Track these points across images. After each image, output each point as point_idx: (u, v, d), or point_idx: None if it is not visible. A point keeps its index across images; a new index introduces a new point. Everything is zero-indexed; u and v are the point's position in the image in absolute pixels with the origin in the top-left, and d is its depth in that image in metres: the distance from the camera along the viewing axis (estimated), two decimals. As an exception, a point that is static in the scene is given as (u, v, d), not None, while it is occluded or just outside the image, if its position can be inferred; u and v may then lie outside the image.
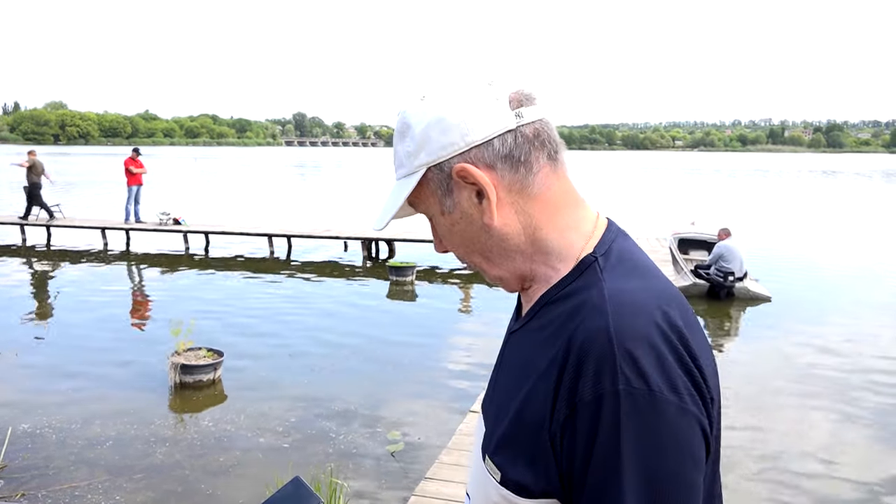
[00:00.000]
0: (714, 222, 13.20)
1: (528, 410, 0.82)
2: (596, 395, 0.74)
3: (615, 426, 0.73)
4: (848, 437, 5.68)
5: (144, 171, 15.55)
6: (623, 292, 0.81)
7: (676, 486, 0.75)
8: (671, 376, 0.75)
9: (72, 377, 6.78)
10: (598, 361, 0.75)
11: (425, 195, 0.90)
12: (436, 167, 0.87)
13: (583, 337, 0.77)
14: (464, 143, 0.85)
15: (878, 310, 10.15)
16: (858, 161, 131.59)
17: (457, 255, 0.95)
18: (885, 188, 45.01)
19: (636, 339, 0.76)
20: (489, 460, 0.86)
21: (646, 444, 0.74)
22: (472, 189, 0.86)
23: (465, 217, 0.88)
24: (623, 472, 0.73)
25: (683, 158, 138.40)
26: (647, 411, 0.74)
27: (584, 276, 0.85)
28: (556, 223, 0.88)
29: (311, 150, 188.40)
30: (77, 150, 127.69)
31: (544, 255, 0.88)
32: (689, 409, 0.76)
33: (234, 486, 4.67)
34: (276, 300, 10.33)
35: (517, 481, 0.82)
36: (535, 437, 0.80)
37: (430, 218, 0.93)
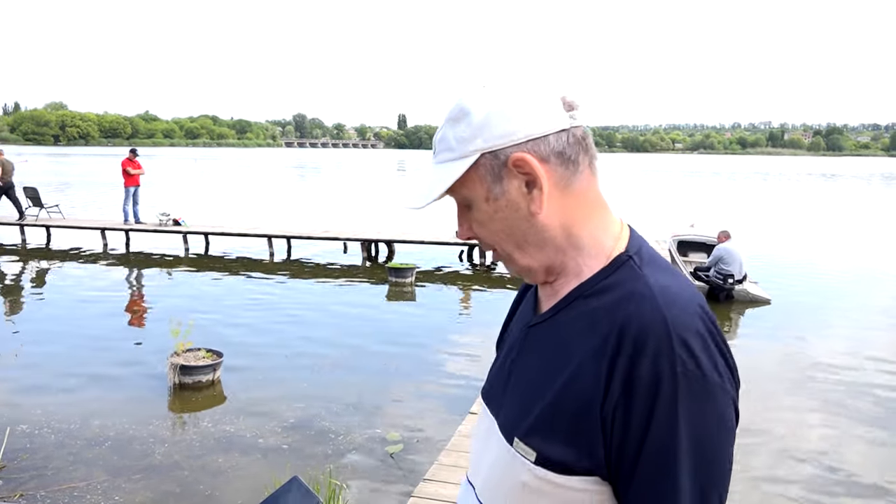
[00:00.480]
0: (713, 225, 13.21)
1: (573, 392, 0.88)
2: (655, 377, 0.82)
3: (672, 404, 0.81)
4: (847, 439, 5.68)
5: (142, 172, 15.54)
6: (670, 287, 0.89)
7: (720, 458, 0.85)
8: (715, 361, 0.85)
9: (71, 378, 6.77)
10: (656, 346, 0.83)
11: (472, 180, 0.93)
12: (490, 154, 0.91)
13: (638, 324, 0.85)
14: (523, 135, 0.90)
15: (877, 313, 10.15)
16: (858, 164, 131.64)
17: (485, 243, 0.98)
18: (883, 192, 45.02)
19: (688, 327, 0.84)
20: (520, 443, 0.91)
21: (697, 421, 0.83)
22: (523, 179, 0.91)
23: (511, 205, 0.93)
24: (679, 445, 0.82)
25: (683, 161, 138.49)
26: (699, 391, 0.83)
27: (620, 272, 0.92)
28: (590, 222, 0.95)
29: (311, 152, 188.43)
30: (77, 151, 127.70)
31: (576, 250, 0.95)
32: (728, 390, 0.86)
33: (233, 487, 4.67)
34: (276, 301, 10.32)
35: (557, 460, 0.88)
36: (581, 416, 0.86)
37: (465, 203, 0.97)
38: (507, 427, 0.96)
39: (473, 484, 1.04)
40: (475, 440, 1.09)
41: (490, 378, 1.11)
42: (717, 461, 0.85)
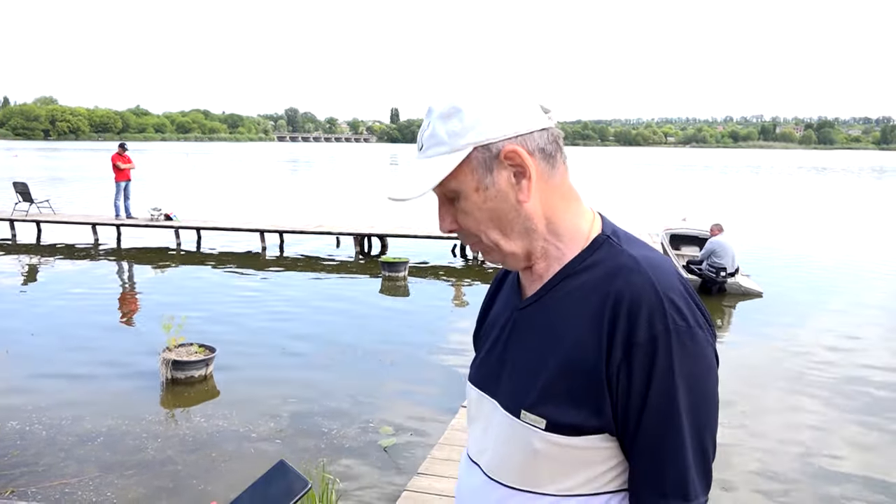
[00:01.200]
0: (705, 218, 13.25)
1: (577, 360, 0.98)
2: (651, 335, 0.94)
3: (669, 357, 0.93)
4: (838, 430, 5.71)
5: (132, 166, 15.45)
6: (650, 258, 1.01)
7: (710, 399, 0.99)
8: (697, 315, 0.97)
9: (62, 373, 6.74)
10: (649, 309, 0.94)
11: (463, 172, 1.00)
12: (482, 147, 0.99)
13: (630, 291, 0.96)
14: (512, 131, 0.99)
15: (867, 305, 10.21)
16: (849, 158, 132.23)
17: (469, 233, 1.05)
18: (874, 185, 45.25)
19: (673, 289, 0.97)
20: (528, 414, 1.01)
21: (690, 369, 0.95)
22: (512, 170, 1.00)
23: (501, 195, 1.01)
24: (677, 392, 0.94)
25: (675, 154, 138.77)
26: (689, 342, 0.95)
27: (601, 251, 1.04)
28: (568, 212, 1.06)
29: (304, 146, 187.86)
30: (67, 146, 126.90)
31: (556, 236, 1.05)
32: (709, 339, 0.99)
33: (226, 482, 4.66)
34: (268, 296, 10.30)
35: (567, 423, 0.97)
36: (587, 380, 0.97)
37: (450, 196, 1.03)
38: (512, 402, 1.04)
39: (479, 462, 1.11)
40: (474, 424, 1.16)
41: (478, 365, 1.18)
42: (708, 401, 0.98)
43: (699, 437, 0.96)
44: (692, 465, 0.95)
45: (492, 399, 1.10)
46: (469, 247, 1.08)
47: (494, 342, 1.14)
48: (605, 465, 0.99)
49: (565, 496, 1.00)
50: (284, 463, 0.96)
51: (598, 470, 0.99)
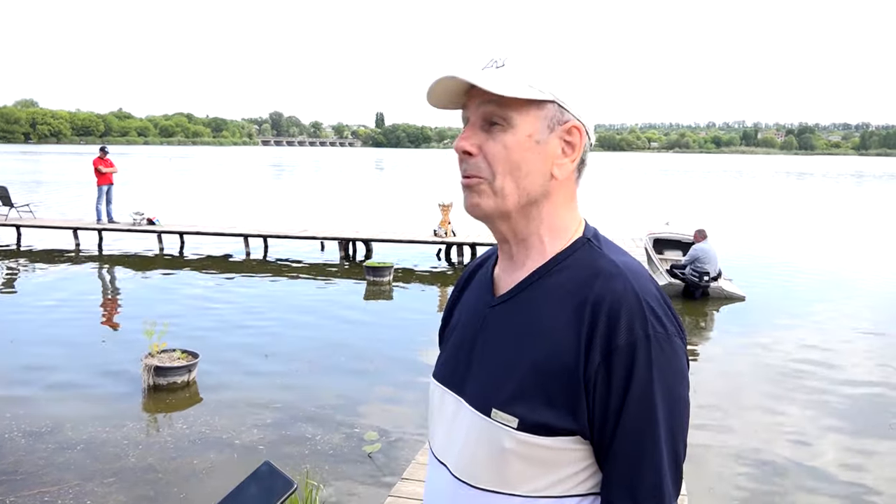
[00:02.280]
0: (689, 223, 13.35)
1: (553, 361, 0.97)
2: (631, 341, 0.94)
3: (648, 362, 0.94)
4: (817, 433, 5.76)
5: (115, 169, 15.32)
6: (629, 264, 1.02)
7: (684, 405, 0.99)
8: (674, 323, 0.99)
9: (42, 380, 6.65)
10: (629, 314, 0.95)
11: (531, 112, 1.00)
12: (560, 107, 1.02)
13: (611, 296, 0.96)
14: (584, 119, 1.04)
15: (848, 309, 10.32)
16: (829, 163, 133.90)
17: (484, 164, 1.02)
18: (853, 191, 45.84)
19: (652, 296, 0.98)
20: (499, 412, 0.99)
21: (667, 375, 0.95)
22: (563, 144, 1.03)
23: (544, 156, 1.02)
24: (656, 398, 0.94)
25: (659, 160, 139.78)
26: (667, 348, 0.95)
27: (581, 252, 1.04)
28: (568, 211, 1.08)
29: (288, 150, 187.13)
30: (48, 149, 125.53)
31: (549, 228, 1.06)
32: (683, 345, 0.99)
33: (209, 490, 4.61)
34: (252, 301, 10.24)
35: (540, 423, 0.96)
36: (563, 382, 0.96)
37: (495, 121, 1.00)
38: (482, 400, 1.03)
39: (446, 462, 1.09)
40: (438, 424, 1.14)
41: (444, 361, 1.17)
42: (682, 408, 0.98)
43: (673, 443, 0.96)
44: (667, 470, 0.95)
45: (457, 396, 1.08)
46: (464, 180, 1.04)
47: (463, 339, 1.12)
48: (575, 467, 0.99)
49: (534, 497, 0.99)
50: (269, 464, 0.95)
51: (569, 471, 0.99)
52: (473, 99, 1.02)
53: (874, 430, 5.83)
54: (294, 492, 0.92)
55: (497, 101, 0.99)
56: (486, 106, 1.00)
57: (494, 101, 0.99)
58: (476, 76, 0.98)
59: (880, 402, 6.50)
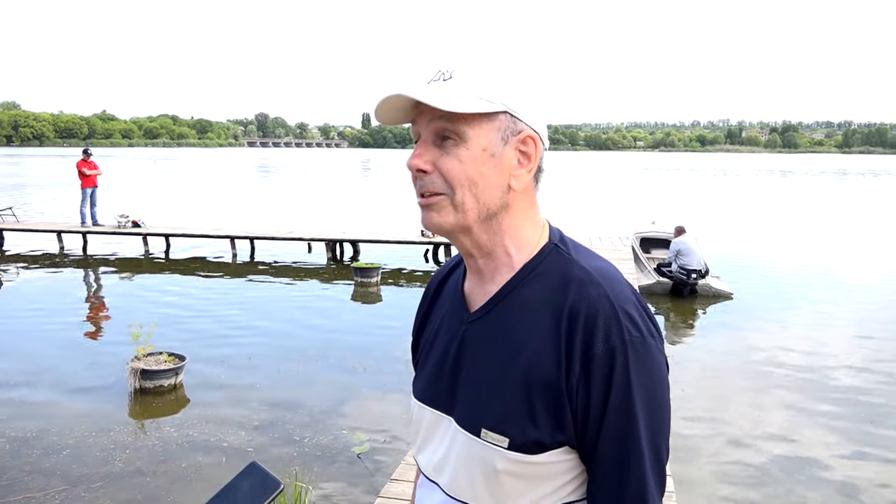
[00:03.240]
0: (675, 221, 13.44)
1: (536, 376, 0.96)
2: (608, 348, 0.93)
3: (626, 369, 0.93)
4: (802, 427, 5.82)
5: (98, 172, 15.19)
6: (602, 269, 1.01)
7: (665, 407, 0.98)
8: (650, 325, 0.98)
9: (27, 385, 6.59)
10: (605, 321, 0.94)
11: (483, 125, 0.98)
12: (512, 117, 0.99)
13: (586, 304, 0.95)
14: (535, 126, 1.02)
15: (833, 305, 10.42)
16: (812, 161, 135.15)
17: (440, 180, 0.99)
18: (837, 188, 46.29)
19: (626, 301, 0.97)
20: (489, 433, 0.98)
21: (646, 378, 0.95)
22: (518, 154, 1.01)
23: (500, 168, 0.99)
24: (635, 402, 0.93)
25: (644, 158, 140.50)
26: (644, 353, 0.95)
27: (549, 260, 1.03)
28: (529, 220, 1.05)
29: (274, 151, 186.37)
30: (31, 152, 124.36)
31: (512, 238, 1.04)
32: (661, 348, 0.99)
33: (197, 493, 4.59)
34: (239, 303, 10.19)
35: (531, 440, 0.96)
36: (548, 396, 0.95)
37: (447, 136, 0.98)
38: (470, 420, 1.01)
39: (437, 482, 1.08)
40: (426, 443, 1.12)
41: (426, 381, 1.13)
42: (663, 410, 0.98)
43: (655, 446, 0.96)
44: (650, 473, 0.95)
45: (447, 416, 1.07)
46: (421, 199, 1.01)
47: (443, 357, 1.10)
48: (567, 476, 0.99)
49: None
50: (256, 464, 0.95)
51: (561, 481, 0.99)
52: (423, 114, 0.99)
53: (860, 427, 5.89)
54: (281, 492, 0.92)
55: (447, 115, 0.96)
56: (437, 122, 0.97)
57: (445, 116, 0.96)
58: (422, 92, 0.95)
59: (866, 398, 6.57)
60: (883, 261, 14.95)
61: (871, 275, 13.16)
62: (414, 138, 1.03)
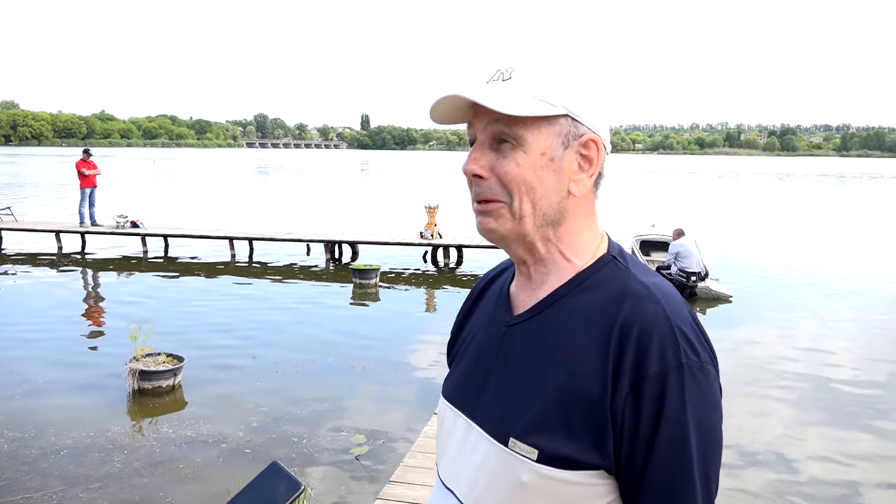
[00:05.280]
0: (674, 224, 13.44)
1: (577, 389, 0.90)
2: (662, 369, 0.87)
3: (681, 394, 0.87)
4: (804, 432, 5.83)
5: (98, 172, 15.17)
6: (660, 285, 0.95)
7: (718, 439, 0.92)
8: (706, 350, 0.91)
9: (25, 385, 6.57)
10: (661, 340, 0.88)
11: (543, 128, 0.94)
12: (573, 120, 0.95)
13: (641, 320, 0.89)
14: (599, 128, 0.98)
15: (832, 308, 10.43)
16: (811, 164, 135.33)
17: (498, 186, 0.95)
18: (836, 191, 46.35)
19: (685, 321, 0.91)
20: (518, 443, 0.92)
21: (700, 406, 0.88)
22: (579, 159, 0.97)
23: (559, 173, 0.95)
24: (689, 432, 0.87)
25: (643, 161, 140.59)
26: (701, 378, 0.89)
27: (605, 271, 0.98)
28: (587, 227, 1.01)
29: (273, 152, 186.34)
30: (30, 152, 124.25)
31: (569, 246, 0.99)
32: (716, 375, 0.92)
33: (195, 494, 4.58)
34: (238, 304, 10.18)
35: (562, 455, 0.89)
36: (588, 413, 0.89)
37: (506, 139, 0.94)
38: (498, 428, 0.96)
39: (454, 490, 1.02)
40: (447, 445, 1.06)
41: (456, 380, 1.09)
42: (716, 442, 0.91)
43: (706, 477, 0.89)
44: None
45: (469, 420, 1.01)
46: (477, 205, 0.98)
47: (478, 358, 1.05)
48: (598, 502, 0.92)
49: None
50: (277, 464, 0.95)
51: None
52: (480, 116, 0.95)
53: (859, 428, 5.90)
54: (302, 493, 0.92)
55: (505, 118, 0.92)
56: (494, 125, 0.94)
57: (503, 120, 0.93)
58: (481, 94, 0.92)
59: (865, 399, 6.57)
60: (881, 263, 14.96)
61: (870, 277, 13.16)
62: (469, 140, 1.00)
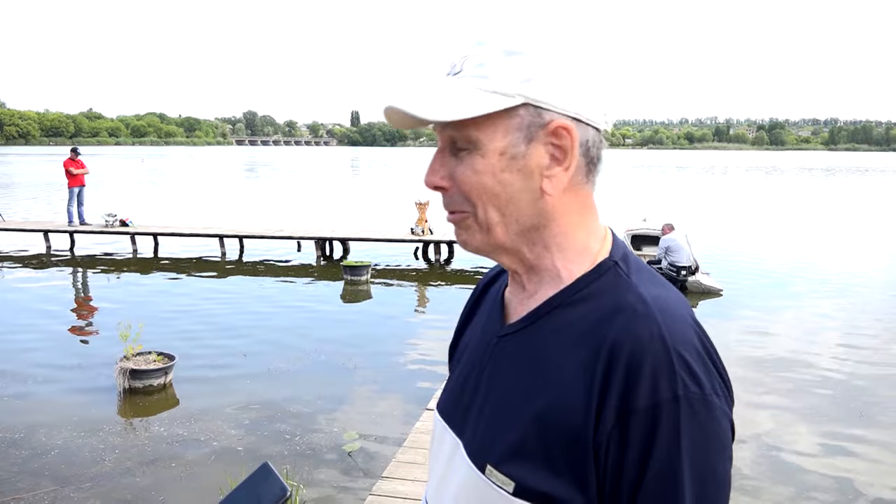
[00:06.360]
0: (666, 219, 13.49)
1: (559, 417, 0.78)
2: (654, 402, 0.74)
3: (675, 431, 0.73)
4: (792, 423, 5.87)
5: (86, 171, 15.08)
6: (662, 299, 0.80)
7: (722, 483, 0.77)
8: (715, 379, 0.78)
9: (14, 385, 6.54)
10: (654, 367, 0.74)
11: (497, 125, 0.80)
12: (534, 109, 0.80)
13: (632, 342, 0.76)
14: (574, 109, 0.81)
15: (821, 301, 10.50)
16: (799, 158, 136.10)
17: (459, 197, 0.84)
18: (824, 185, 46.63)
19: (687, 344, 0.77)
20: (494, 471, 0.81)
21: (700, 446, 0.75)
22: (551, 150, 0.82)
23: (525, 172, 0.81)
24: (682, 475, 0.73)
25: (633, 156, 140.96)
26: (703, 414, 0.75)
27: (605, 279, 0.84)
28: (582, 227, 0.87)
29: (263, 150, 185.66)
30: (16, 151, 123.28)
31: (560, 251, 0.86)
32: (726, 410, 0.79)
33: (187, 492, 4.57)
34: (229, 302, 10.15)
35: (541, 490, 0.78)
36: (570, 445, 0.77)
37: (460, 145, 0.83)
38: (478, 451, 0.85)
39: None
40: (436, 463, 0.97)
41: (448, 393, 0.99)
42: (719, 490, 0.77)
43: None
44: None
45: (456, 437, 0.91)
46: (448, 216, 0.87)
47: (469, 370, 0.94)
48: None
49: None
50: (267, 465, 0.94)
51: None
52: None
53: (849, 421, 5.95)
54: (287, 499, 0.91)
55: (453, 122, 0.81)
56: (446, 130, 0.83)
57: (452, 123, 0.81)
58: (413, 102, 0.80)
59: (855, 393, 6.63)
60: (871, 256, 15.08)
61: (860, 270, 13.26)
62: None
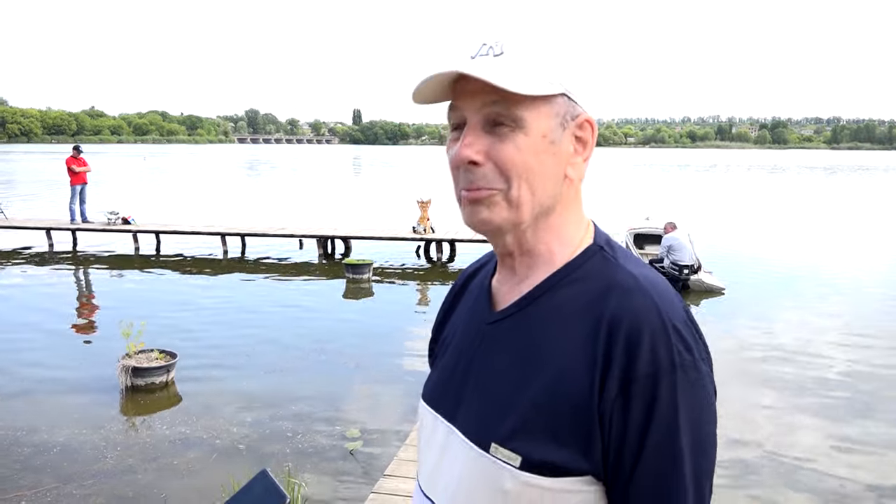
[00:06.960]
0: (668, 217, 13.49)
1: (562, 391, 0.84)
2: (653, 370, 0.81)
3: (673, 395, 0.81)
4: (793, 422, 5.86)
5: (88, 169, 15.10)
6: (651, 277, 0.88)
7: (712, 442, 0.86)
8: (701, 347, 0.85)
9: (17, 383, 6.54)
10: (652, 338, 0.81)
11: (541, 109, 0.87)
12: (571, 100, 0.89)
13: (630, 316, 0.83)
14: (593, 109, 0.92)
15: (824, 300, 10.49)
16: (801, 157, 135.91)
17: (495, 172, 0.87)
18: (827, 184, 46.56)
19: (678, 317, 0.84)
20: (500, 448, 0.86)
21: (694, 409, 0.82)
22: (574, 141, 0.91)
23: (558, 156, 0.89)
24: (680, 435, 0.81)
25: (635, 154, 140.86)
26: (695, 379, 0.83)
27: (593, 262, 0.91)
28: (573, 212, 0.94)
29: (265, 148, 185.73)
30: (19, 149, 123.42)
31: (557, 235, 0.92)
32: (711, 375, 0.86)
33: (189, 490, 4.58)
34: (231, 300, 10.15)
35: (548, 461, 0.83)
36: (575, 415, 0.83)
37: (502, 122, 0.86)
38: (478, 432, 0.89)
39: (433, 498, 0.96)
40: (427, 451, 1.00)
41: (435, 382, 1.02)
42: (710, 445, 0.85)
43: (699, 485, 0.83)
44: None
45: (448, 424, 0.94)
46: (467, 194, 0.88)
47: (457, 359, 0.98)
48: None
49: None
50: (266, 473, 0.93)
51: None
52: (469, 96, 0.86)
53: (851, 420, 5.93)
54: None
55: (503, 99, 0.84)
56: (492, 107, 0.85)
57: (500, 101, 0.84)
58: (484, 69, 0.83)
59: (857, 392, 6.61)
60: (873, 255, 15.05)
61: (862, 269, 13.23)
62: (453, 124, 0.91)
